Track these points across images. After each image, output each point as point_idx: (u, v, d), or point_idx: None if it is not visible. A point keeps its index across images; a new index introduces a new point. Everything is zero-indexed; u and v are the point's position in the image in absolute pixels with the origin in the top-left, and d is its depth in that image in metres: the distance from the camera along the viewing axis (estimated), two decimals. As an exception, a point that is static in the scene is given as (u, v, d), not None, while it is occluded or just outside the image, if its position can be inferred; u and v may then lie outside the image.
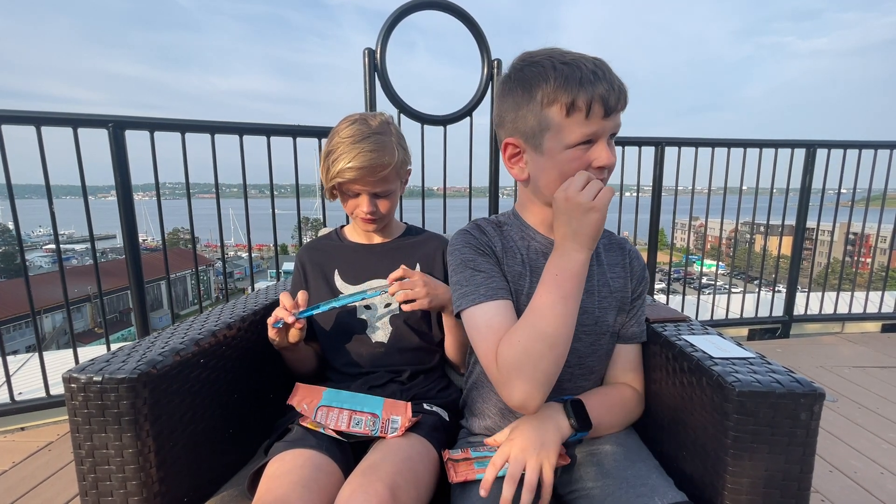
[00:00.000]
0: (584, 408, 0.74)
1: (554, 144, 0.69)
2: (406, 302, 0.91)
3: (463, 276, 0.75)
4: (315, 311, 0.90)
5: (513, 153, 0.75)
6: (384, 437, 0.80)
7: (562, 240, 0.68)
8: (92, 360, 0.68)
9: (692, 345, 0.75)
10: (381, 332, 1.03)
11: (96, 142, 1.64)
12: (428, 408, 0.93)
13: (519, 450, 0.68)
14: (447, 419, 0.94)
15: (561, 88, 0.66)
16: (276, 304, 1.08)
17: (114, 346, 1.23)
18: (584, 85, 0.66)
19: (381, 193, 0.99)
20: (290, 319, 0.87)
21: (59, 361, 1.96)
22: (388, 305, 1.03)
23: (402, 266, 0.90)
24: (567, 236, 0.67)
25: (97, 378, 0.64)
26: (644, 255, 2.37)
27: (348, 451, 0.81)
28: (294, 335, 0.92)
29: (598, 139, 0.69)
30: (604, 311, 0.80)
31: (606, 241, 0.85)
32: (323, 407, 0.83)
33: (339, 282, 1.06)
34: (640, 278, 0.84)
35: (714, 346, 0.74)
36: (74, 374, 0.64)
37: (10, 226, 1.62)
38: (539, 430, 0.71)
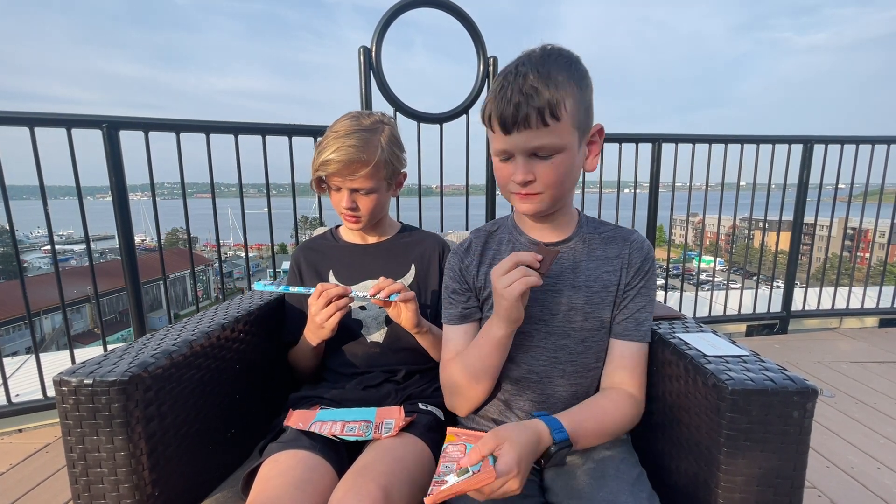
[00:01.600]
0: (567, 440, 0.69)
1: (491, 148, 0.75)
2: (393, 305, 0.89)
3: (444, 296, 0.87)
4: (277, 289, 0.92)
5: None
6: (378, 438, 0.80)
7: (493, 312, 0.73)
8: (83, 362, 0.68)
9: (686, 343, 0.75)
10: (376, 333, 1.03)
11: (93, 142, 1.64)
12: (423, 407, 0.93)
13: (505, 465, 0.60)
14: (442, 418, 0.94)
15: (488, 96, 0.71)
16: (273, 302, 1.08)
17: (110, 348, 1.23)
18: (492, 98, 0.69)
19: (360, 190, 0.98)
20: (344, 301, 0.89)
21: (57, 363, 1.96)
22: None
23: (382, 277, 0.90)
24: (496, 311, 0.72)
25: (88, 381, 0.63)
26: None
27: (342, 452, 0.81)
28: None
29: (514, 154, 0.70)
30: (595, 307, 0.78)
31: (611, 233, 0.82)
32: (317, 422, 0.83)
33: (333, 282, 1.05)
34: (638, 270, 0.79)
35: (708, 344, 0.74)
36: (65, 377, 0.64)
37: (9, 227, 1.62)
38: (525, 449, 0.63)
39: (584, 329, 0.79)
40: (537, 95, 0.65)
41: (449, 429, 0.71)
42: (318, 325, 0.90)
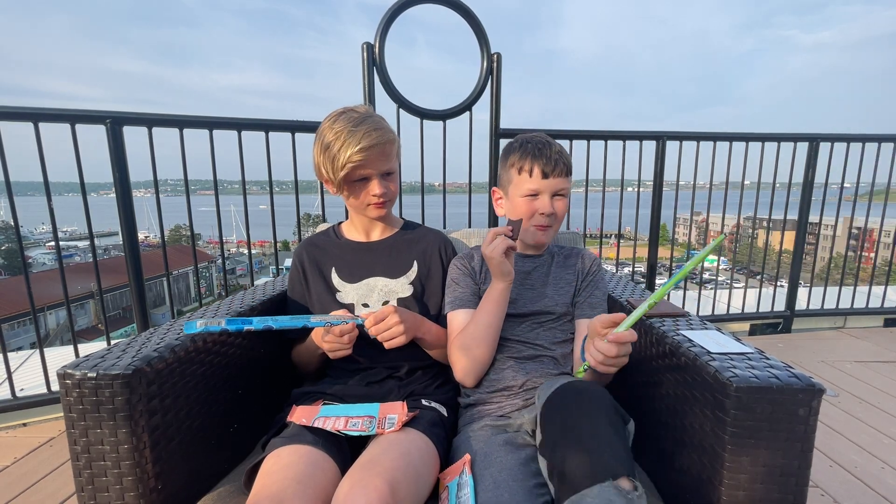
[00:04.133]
0: None
1: (514, 193, 1.02)
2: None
3: (449, 290, 1.05)
4: (218, 327, 0.80)
5: (497, 198, 1.10)
6: (382, 433, 0.80)
7: (491, 276, 0.94)
8: (87, 356, 0.68)
9: (690, 340, 0.75)
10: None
11: (96, 138, 1.64)
12: (426, 403, 0.93)
13: None
14: (445, 415, 0.94)
15: (518, 157, 1.00)
16: (276, 298, 1.08)
17: (114, 342, 1.24)
18: (530, 157, 0.98)
19: (388, 172, 1.00)
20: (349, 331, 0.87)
21: (61, 358, 1.97)
22: (385, 302, 1.03)
23: (373, 314, 0.87)
24: (492, 273, 0.94)
25: (91, 374, 0.64)
26: (645, 251, 2.36)
27: (345, 447, 0.81)
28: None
29: (541, 193, 0.98)
30: (562, 296, 1.03)
31: (568, 252, 1.12)
32: (321, 418, 0.83)
33: (335, 279, 1.05)
34: (587, 272, 1.07)
35: (712, 342, 0.74)
36: (69, 370, 0.64)
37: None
38: None
39: (554, 311, 1.02)
40: (563, 156, 0.99)
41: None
42: (327, 350, 0.90)
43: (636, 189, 2.33)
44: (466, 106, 1.91)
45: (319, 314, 0.94)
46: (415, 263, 1.07)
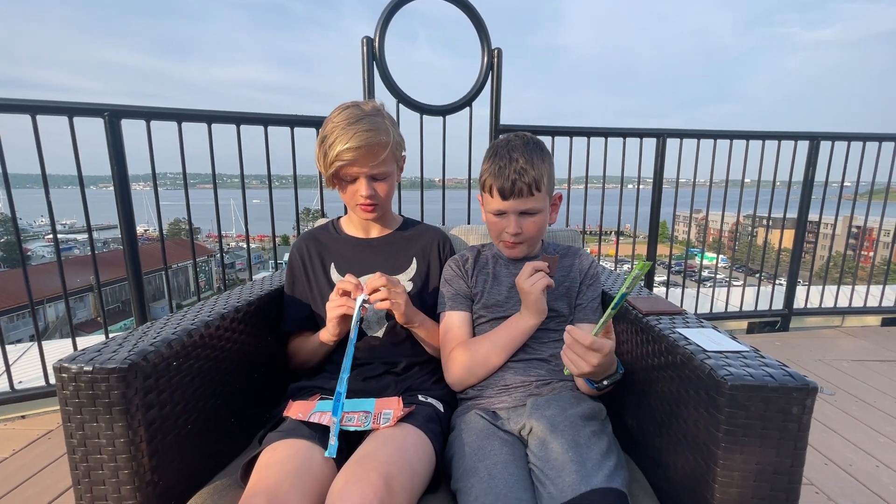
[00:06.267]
0: None
1: (485, 207, 1.00)
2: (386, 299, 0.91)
3: (442, 289, 1.05)
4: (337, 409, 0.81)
5: (481, 203, 1.04)
6: (377, 428, 0.80)
7: (523, 308, 0.94)
8: (83, 349, 0.68)
9: (686, 338, 0.75)
10: (376, 325, 1.03)
11: (95, 131, 1.63)
12: (423, 399, 0.93)
13: None
14: (442, 410, 0.94)
15: (486, 169, 0.96)
16: (273, 293, 1.08)
17: (111, 336, 1.23)
18: (491, 175, 0.94)
19: (378, 176, 0.98)
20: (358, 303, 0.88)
21: (59, 350, 1.97)
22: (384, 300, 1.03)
23: (378, 273, 0.90)
24: (524, 306, 0.93)
25: (87, 368, 0.64)
26: (644, 248, 2.36)
27: (341, 442, 0.81)
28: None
29: (507, 213, 0.95)
30: (555, 299, 1.00)
31: (565, 251, 1.09)
32: (317, 413, 0.83)
33: (335, 275, 1.05)
34: (586, 273, 1.04)
35: (708, 340, 0.74)
36: (65, 364, 0.64)
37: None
38: None
39: (551, 315, 0.98)
40: (526, 174, 0.91)
41: None
42: (328, 317, 0.93)
43: (636, 186, 2.32)
44: (467, 101, 1.90)
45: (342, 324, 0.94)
46: (414, 261, 1.07)
